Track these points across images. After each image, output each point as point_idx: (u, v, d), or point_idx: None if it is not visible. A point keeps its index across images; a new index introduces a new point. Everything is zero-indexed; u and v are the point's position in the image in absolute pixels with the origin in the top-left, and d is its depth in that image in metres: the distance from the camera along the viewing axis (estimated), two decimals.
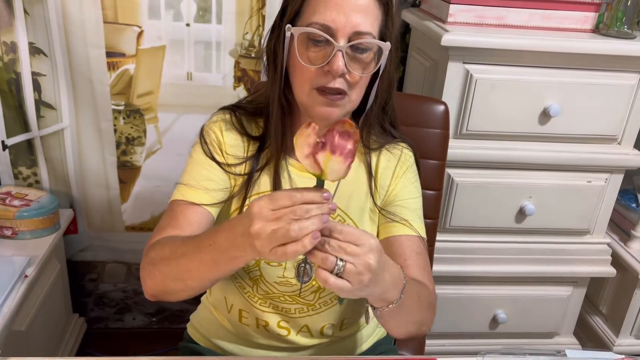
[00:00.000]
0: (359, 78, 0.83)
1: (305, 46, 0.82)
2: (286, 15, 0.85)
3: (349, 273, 0.65)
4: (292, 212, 0.62)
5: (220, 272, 0.75)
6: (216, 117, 0.96)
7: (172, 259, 0.78)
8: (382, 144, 0.97)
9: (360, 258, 0.65)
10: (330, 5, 0.80)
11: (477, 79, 1.27)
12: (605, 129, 1.36)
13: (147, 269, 0.82)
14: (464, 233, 1.46)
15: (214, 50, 1.55)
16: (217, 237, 0.72)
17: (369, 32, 0.81)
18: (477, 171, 1.38)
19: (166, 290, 0.81)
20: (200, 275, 0.76)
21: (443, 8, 1.32)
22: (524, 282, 1.53)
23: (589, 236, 1.50)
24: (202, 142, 0.93)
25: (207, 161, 0.91)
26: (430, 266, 0.92)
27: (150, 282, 0.81)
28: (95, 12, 1.46)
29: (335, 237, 0.65)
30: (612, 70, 1.30)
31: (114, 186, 1.67)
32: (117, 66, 1.53)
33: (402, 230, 0.91)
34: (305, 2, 0.83)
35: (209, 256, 0.73)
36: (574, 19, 1.32)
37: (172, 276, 0.79)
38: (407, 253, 0.89)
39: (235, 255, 0.70)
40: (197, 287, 0.79)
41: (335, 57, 0.79)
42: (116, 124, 1.59)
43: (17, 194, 1.54)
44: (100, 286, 1.81)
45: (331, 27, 0.79)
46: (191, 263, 0.75)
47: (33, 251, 1.44)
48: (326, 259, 0.64)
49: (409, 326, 0.84)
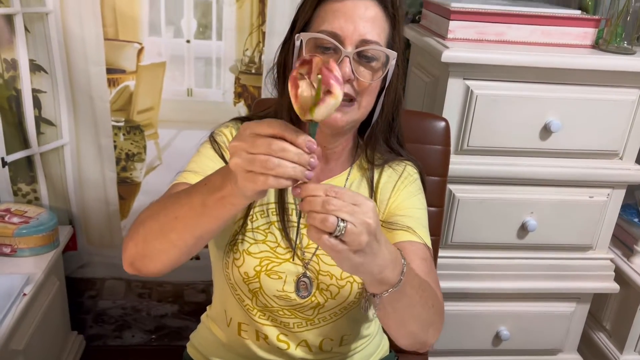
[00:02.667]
0: (366, 85, 0.84)
1: (314, 53, 0.83)
2: (296, 27, 0.88)
3: (350, 233, 0.61)
4: (268, 143, 0.60)
5: (206, 221, 0.71)
6: (228, 124, 0.97)
7: (161, 210, 0.75)
8: (386, 161, 0.97)
9: (360, 217, 0.62)
10: (338, 15, 0.82)
11: (477, 94, 1.27)
12: (607, 144, 1.35)
13: (132, 230, 0.79)
14: (466, 249, 1.45)
15: (214, 66, 1.55)
16: (212, 176, 0.71)
17: (376, 41, 0.83)
18: (479, 187, 1.37)
19: (146, 252, 0.77)
20: (186, 223, 0.72)
21: (443, 24, 1.32)
22: (527, 298, 1.52)
23: (592, 252, 1.49)
24: (212, 140, 0.93)
25: (215, 156, 0.91)
26: (436, 274, 0.90)
27: (132, 245, 0.78)
28: (96, 29, 1.46)
29: (332, 196, 0.62)
30: (613, 86, 1.30)
31: (113, 202, 1.66)
32: (117, 82, 1.53)
33: (404, 237, 0.89)
34: (314, 13, 0.86)
35: (200, 198, 0.70)
36: (574, 35, 1.32)
37: (156, 230, 0.75)
38: (411, 257, 0.85)
39: (225, 194, 0.67)
40: (179, 244, 0.75)
41: (342, 63, 0.81)
42: (116, 140, 1.59)
43: (16, 210, 1.53)
44: (99, 303, 1.79)
45: (339, 35, 0.82)
46: (180, 209, 0.73)
47: (32, 269, 1.43)
48: (326, 219, 0.61)
49: (412, 324, 0.80)
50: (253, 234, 0.91)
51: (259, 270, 0.90)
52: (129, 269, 0.80)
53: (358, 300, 0.93)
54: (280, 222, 0.92)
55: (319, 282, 0.92)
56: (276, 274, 0.91)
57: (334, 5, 0.84)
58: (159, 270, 0.78)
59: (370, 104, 0.88)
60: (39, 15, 1.44)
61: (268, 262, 0.90)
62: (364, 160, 0.97)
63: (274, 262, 0.91)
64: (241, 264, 0.90)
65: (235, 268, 0.91)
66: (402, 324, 0.79)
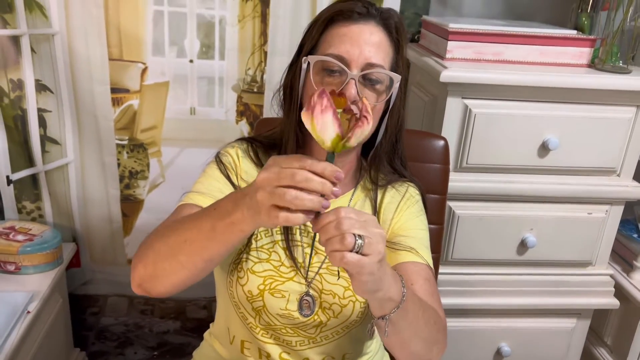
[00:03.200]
0: (371, 107, 0.85)
1: (321, 76, 0.86)
2: (303, 51, 0.90)
3: (368, 245, 0.64)
4: (292, 175, 0.62)
5: (215, 245, 0.72)
6: (233, 144, 0.98)
7: (171, 233, 0.76)
8: (389, 182, 0.99)
9: (371, 229, 0.64)
10: (345, 40, 0.85)
11: (476, 113, 1.29)
12: (604, 162, 1.37)
13: (141, 251, 0.80)
14: (466, 265, 1.46)
15: (217, 85, 1.58)
16: (222, 201, 0.72)
17: (381, 64, 0.85)
18: (478, 204, 1.39)
19: (156, 273, 0.78)
20: (195, 247, 0.73)
21: (441, 44, 1.34)
22: (528, 314, 1.53)
23: (591, 267, 1.50)
24: (217, 161, 0.95)
25: (221, 177, 0.93)
26: (439, 295, 0.91)
27: (141, 266, 0.79)
28: (101, 49, 1.49)
29: (341, 216, 0.64)
30: (609, 104, 1.32)
31: (116, 220, 1.68)
32: (121, 102, 1.56)
33: (408, 257, 0.91)
34: (321, 37, 0.88)
35: (209, 222, 0.71)
36: (570, 55, 1.34)
37: (165, 253, 0.76)
38: (414, 278, 0.87)
39: (234, 220, 0.68)
40: (188, 266, 0.75)
41: (348, 85, 0.83)
42: (120, 158, 1.61)
43: (20, 228, 1.55)
44: (102, 320, 1.80)
45: (345, 58, 0.84)
46: (189, 232, 0.74)
47: (35, 286, 1.44)
48: (344, 239, 0.63)
49: (416, 344, 0.81)
50: (257, 252, 0.93)
51: (263, 289, 0.91)
52: (137, 289, 0.81)
53: (360, 319, 0.94)
54: (284, 241, 0.93)
55: (321, 301, 0.93)
56: (280, 292, 0.92)
57: (340, 30, 0.86)
58: (168, 291, 0.79)
59: (374, 125, 0.90)
60: (45, 37, 1.47)
61: (272, 280, 0.91)
62: (368, 180, 0.99)
63: (278, 281, 0.92)
64: (245, 283, 0.92)
65: (239, 287, 0.92)
66: (406, 343, 0.80)
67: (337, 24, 0.86)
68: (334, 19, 0.87)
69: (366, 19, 0.86)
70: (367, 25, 0.86)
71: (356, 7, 0.86)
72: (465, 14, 1.63)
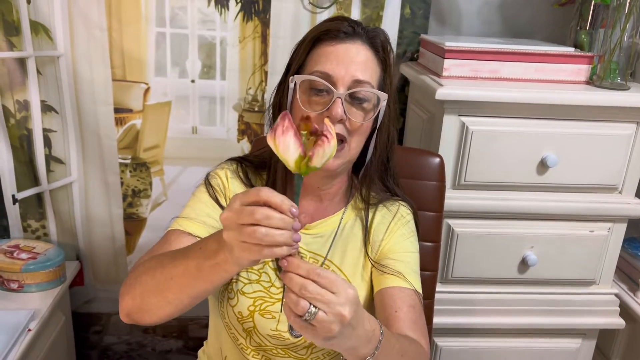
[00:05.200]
0: (358, 125, 0.86)
1: (307, 95, 0.86)
2: (291, 70, 0.91)
3: (320, 321, 0.62)
4: (252, 212, 0.62)
5: (201, 284, 0.73)
6: (223, 165, 0.99)
7: (158, 268, 0.77)
8: (380, 200, 0.99)
9: (334, 307, 0.62)
10: (331, 58, 0.86)
11: (473, 130, 1.29)
12: (605, 179, 1.36)
13: (128, 284, 0.80)
14: (467, 284, 1.44)
15: (218, 104, 1.60)
16: (208, 240, 0.72)
17: (368, 81, 0.86)
18: (478, 221, 1.38)
19: (143, 307, 0.78)
20: (182, 284, 0.74)
21: (438, 62, 1.35)
22: (531, 334, 1.50)
23: (595, 286, 1.47)
24: (206, 184, 0.95)
25: (209, 201, 0.93)
26: (424, 321, 0.90)
27: (128, 298, 0.79)
28: (105, 70, 1.52)
29: (312, 279, 0.63)
30: (608, 121, 1.31)
31: (119, 238, 1.69)
32: (124, 121, 1.58)
33: (394, 282, 0.90)
34: (308, 57, 0.89)
35: (195, 261, 0.72)
36: (568, 72, 1.34)
37: (152, 288, 0.76)
38: (398, 305, 0.87)
39: (219, 261, 0.68)
40: (175, 302, 0.76)
41: (334, 104, 0.83)
42: (123, 177, 1.63)
43: (24, 246, 1.57)
44: (104, 338, 1.80)
45: (331, 76, 0.84)
46: (175, 270, 0.74)
47: (38, 304, 1.45)
48: (298, 303, 0.62)
49: None
50: (247, 274, 0.93)
51: (253, 310, 0.91)
52: (125, 319, 0.81)
53: None
54: (274, 262, 0.93)
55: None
56: (270, 313, 0.92)
57: (326, 49, 0.87)
58: (156, 322, 0.80)
59: (360, 145, 0.90)
60: (51, 59, 1.50)
61: (262, 302, 0.91)
62: (359, 199, 0.99)
63: (268, 302, 0.92)
64: (235, 304, 0.92)
65: (229, 307, 0.92)
66: None
67: (324, 43, 0.87)
68: (321, 38, 0.88)
69: (352, 38, 0.87)
70: (353, 44, 0.87)
71: (342, 26, 0.87)
72: (464, 33, 1.64)
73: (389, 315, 0.86)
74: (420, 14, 1.57)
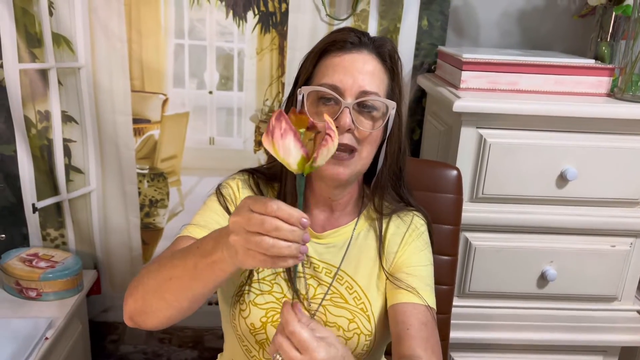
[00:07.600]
0: (367, 134, 0.86)
1: (316, 106, 0.87)
2: (299, 82, 0.91)
3: None
4: (261, 222, 0.61)
5: (198, 285, 0.73)
6: (234, 176, 0.99)
7: (158, 269, 0.77)
8: (394, 210, 0.98)
9: None
10: (338, 69, 0.86)
11: (491, 143, 1.28)
12: (626, 192, 1.33)
13: (132, 286, 0.81)
14: (485, 298, 1.42)
15: (235, 115, 1.61)
16: (205, 239, 0.73)
17: (375, 92, 0.86)
18: (496, 235, 1.36)
19: (144, 309, 0.79)
20: (180, 285, 0.74)
21: (456, 74, 1.34)
22: (550, 350, 1.47)
23: (617, 303, 1.44)
24: (218, 194, 0.96)
25: (220, 209, 0.93)
26: (437, 338, 0.89)
27: (131, 301, 0.80)
28: (124, 82, 1.54)
29: (286, 333, 0.66)
30: (630, 134, 1.29)
31: (136, 247, 1.70)
32: (142, 132, 1.60)
33: (408, 298, 0.90)
34: (315, 68, 0.89)
35: (192, 260, 0.72)
36: (588, 84, 1.32)
37: (152, 289, 0.77)
38: (411, 322, 0.86)
39: (215, 259, 0.69)
40: (174, 304, 0.76)
41: (342, 114, 0.83)
42: (140, 187, 1.65)
43: (43, 255, 1.59)
44: (121, 347, 1.81)
45: (339, 87, 0.85)
46: (174, 270, 0.75)
47: (55, 313, 1.46)
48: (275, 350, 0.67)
49: None
50: (259, 284, 0.93)
51: (265, 322, 0.91)
52: (129, 322, 0.82)
53: (366, 352, 0.93)
54: (286, 272, 0.93)
55: None
56: None
57: (333, 60, 0.87)
58: (157, 326, 0.80)
59: (371, 154, 0.89)
60: (72, 70, 1.52)
61: (274, 313, 0.91)
62: (372, 209, 0.98)
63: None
64: (247, 315, 0.91)
65: (242, 319, 0.92)
66: None
67: (331, 55, 0.88)
68: (328, 49, 0.88)
69: (359, 49, 0.87)
70: (360, 54, 0.87)
71: (349, 37, 0.87)
72: (482, 44, 1.63)
73: (401, 332, 0.86)
74: (437, 25, 1.57)
